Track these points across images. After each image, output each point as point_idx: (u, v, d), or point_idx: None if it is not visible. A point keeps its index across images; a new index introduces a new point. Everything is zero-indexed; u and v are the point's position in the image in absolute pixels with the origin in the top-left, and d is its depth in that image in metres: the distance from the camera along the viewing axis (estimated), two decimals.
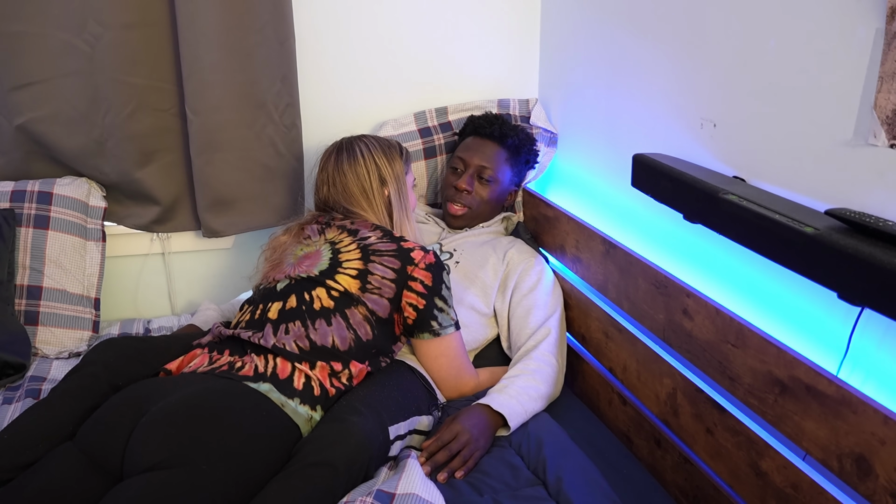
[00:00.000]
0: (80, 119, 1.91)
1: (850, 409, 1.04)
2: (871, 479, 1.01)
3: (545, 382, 1.64)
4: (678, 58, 1.54)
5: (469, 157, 1.97)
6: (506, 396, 1.54)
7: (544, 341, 1.72)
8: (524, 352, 1.71)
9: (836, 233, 1.01)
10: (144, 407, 1.28)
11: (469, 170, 1.96)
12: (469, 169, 1.96)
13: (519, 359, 1.70)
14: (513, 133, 2.00)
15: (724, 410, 1.32)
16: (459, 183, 1.95)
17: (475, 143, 2.00)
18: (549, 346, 1.72)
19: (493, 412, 1.51)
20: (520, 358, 1.70)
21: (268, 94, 1.96)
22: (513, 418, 1.51)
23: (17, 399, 1.60)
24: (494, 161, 1.97)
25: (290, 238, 1.68)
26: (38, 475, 1.22)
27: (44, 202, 1.89)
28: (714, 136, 1.45)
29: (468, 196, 1.96)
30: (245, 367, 1.40)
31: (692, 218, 1.32)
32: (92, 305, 1.93)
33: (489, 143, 1.99)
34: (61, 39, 1.84)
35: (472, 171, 1.96)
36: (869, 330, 1.12)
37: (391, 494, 1.20)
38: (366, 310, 1.51)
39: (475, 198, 1.96)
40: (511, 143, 1.99)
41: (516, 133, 2.01)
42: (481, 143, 1.99)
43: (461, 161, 1.99)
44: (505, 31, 2.22)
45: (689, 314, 1.40)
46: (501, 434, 1.52)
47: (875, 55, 1.06)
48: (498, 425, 1.52)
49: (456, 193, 1.97)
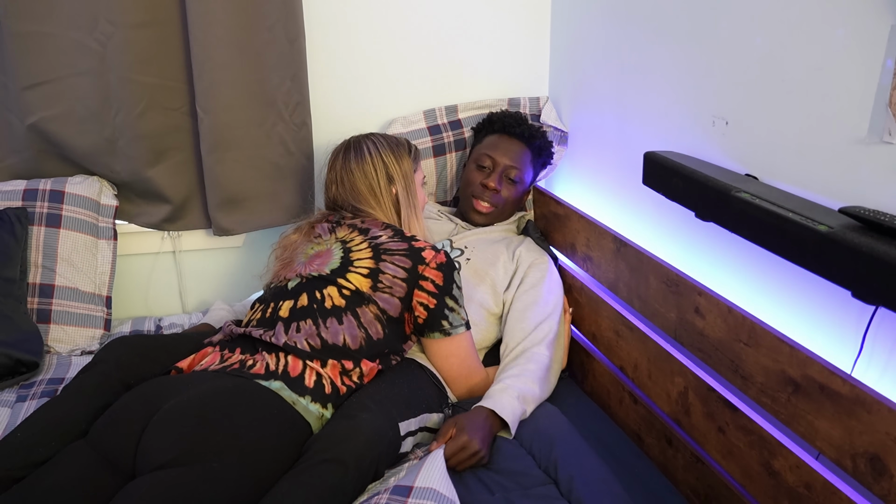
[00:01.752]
0: (92, 118, 1.91)
1: (865, 408, 1.04)
2: (886, 479, 1.01)
3: (542, 385, 1.63)
4: (689, 55, 1.54)
5: (499, 157, 1.96)
6: (508, 399, 1.53)
7: (544, 341, 1.71)
8: (521, 349, 1.69)
9: (850, 231, 1.00)
10: (156, 405, 1.28)
11: (498, 168, 1.95)
12: (498, 168, 1.95)
13: (517, 356, 1.68)
14: (539, 135, 2.01)
15: (736, 409, 1.31)
16: (489, 182, 1.93)
17: (503, 141, 1.98)
18: (547, 346, 1.71)
19: (495, 416, 1.50)
20: (518, 354, 1.68)
21: (278, 92, 1.97)
22: (514, 423, 1.51)
23: (31, 397, 1.61)
24: (521, 162, 1.96)
25: (300, 237, 1.68)
26: (50, 473, 1.22)
27: (56, 201, 1.90)
28: (726, 133, 1.44)
29: (496, 195, 1.95)
30: (256, 365, 1.40)
31: (704, 216, 1.32)
32: (104, 304, 1.94)
33: (517, 143, 1.98)
34: (73, 39, 1.85)
35: (500, 170, 1.95)
36: (883, 329, 1.11)
37: (409, 488, 1.21)
38: (377, 309, 1.51)
39: (501, 197, 1.96)
40: (537, 144, 2.00)
41: (542, 135, 2.02)
42: (510, 142, 1.98)
43: (490, 159, 1.96)
44: (515, 29, 2.21)
45: (700, 313, 1.40)
46: (503, 436, 1.51)
47: (890, 51, 1.06)
48: (498, 427, 1.51)
49: (484, 191, 1.95)
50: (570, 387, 1.80)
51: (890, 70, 1.06)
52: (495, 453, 1.45)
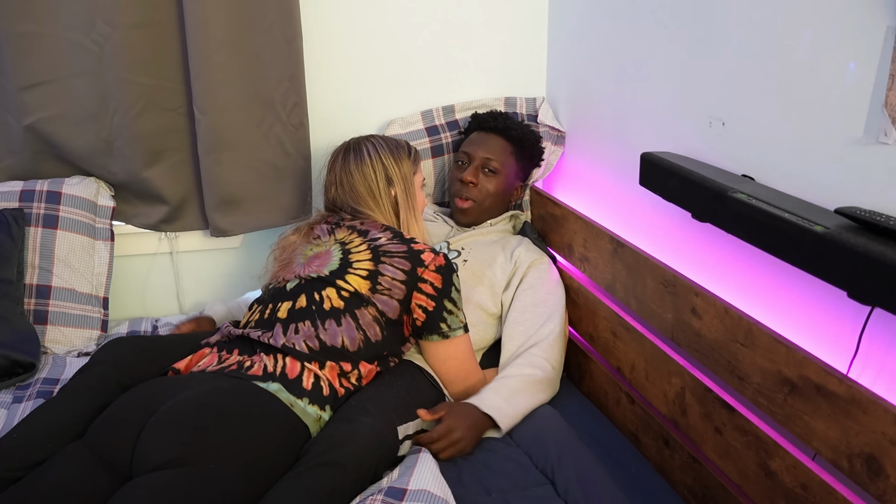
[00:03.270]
0: (89, 119, 1.91)
1: (861, 408, 1.04)
2: (882, 479, 1.01)
3: (540, 387, 1.63)
4: (687, 56, 1.54)
5: (473, 151, 1.97)
6: (499, 399, 1.53)
7: (543, 342, 1.71)
8: (520, 351, 1.69)
9: (846, 231, 1.00)
10: (153, 406, 1.28)
11: (474, 162, 1.96)
12: (474, 161, 1.97)
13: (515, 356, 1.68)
14: (516, 126, 2.01)
15: (732, 410, 1.32)
16: (465, 175, 1.95)
17: (479, 137, 2.01)
18: (546, 348, 1.70)
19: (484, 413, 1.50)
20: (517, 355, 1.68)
21: (275, 93, 1.97)
22: (504, 422, 1.51)
23: (27, 398, 1.61)
24: (499, 152, 1.97)
25: (299, 238, 1.68)
26: (47, 474, 1.22)
27: (53, 202, 1.89)
28: (723, 134, 1.44)
29: (474, 189, 1.96)
30: (254, 366, 1.40)
31: (701, 217, 1.32)
32: (101, 304, 1.94)
33: (493, 136, 1.99)
34: (70, 39, 1.85)
35: (476, 164, 1.96)
36: (879, 329, 1.12)
37: (403, 490, 1.21)
38: (375, 311, 1.51)
39: (481, 190, 1.96)
40: (515, 134, 2.00)
41: (520, 127, 2.02)
42: (485, 136, 2.00)
43: (465, 155, 1.99)
44: (512, 29, 2.21)
45: (697, 313, 1.40)
46: (491, 436, 1.52)
47: (886, 53, 1.06)
48: (488, 426, 1.52)
49: (462, 187, 1.96)
50: (567, 387, 1.80)
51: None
52: (492, 453, 1.45)
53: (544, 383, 1.65)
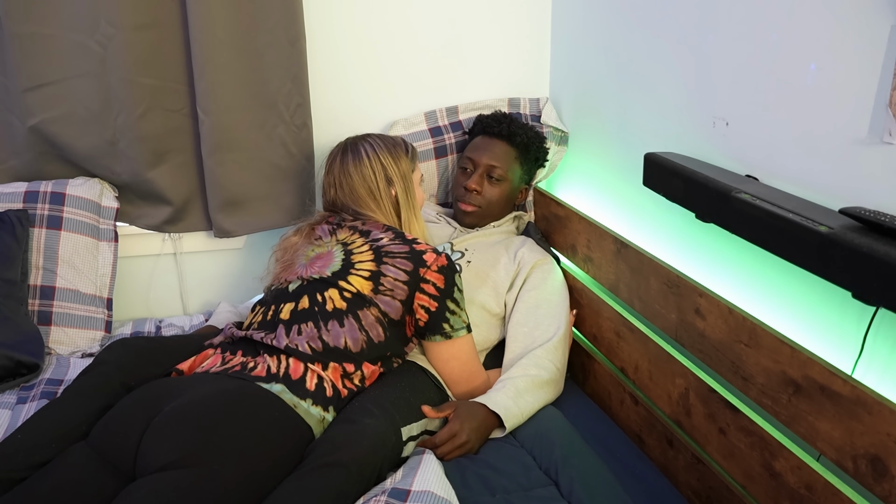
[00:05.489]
0: (93, 120, 1.91)
1: (865, 409, 1.04)
2: (887, 480, 1.01)
3: (545, 388, 1.63)
4: (690, 56, 1.54)
5: (478, 157, 1.97)
6: (506, 398, 1.53)
7: (547, 343, 1.71)
8: (525, 352, 1.69)
9: (850, 231, 1.00)
10: (157, 407, 1.28)
11: (478, 169, 1.96)
12: (478, 168, 1.96)
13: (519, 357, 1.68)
14: (521, 131, 2.00)
15: (737, 410, 1.31)
16: (469, 183, 1.95)
17: (484, 142, 2.00)
18: (550, 349, 1.70)
19: (491, 413, 1.51)
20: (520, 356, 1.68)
21: (278, 94, 1.97)
22: (510, 421, 1.51)
23: (31, 399, 1.61)
24: (503, 160, 1.96)
25: (301, 239, 1.68)
26: (50, 474, 1.22)
27: (56, 203, 1.90)
28: (726, 134, 1.44)
29: (477, 196, 1.96)
30: (257, 367, 1.40)
31: (704, 217, 1.32)
32: (104, 305, 1.94)
33: (498, 142, 1.98)
34: (74, 40, 1.85)
35: (481, 171, 1.96)
36: (884, 329, 1.11)
37: (406, 491, 1.20)
38: (378, 311, 1.51)
39: (484, 197, 1.96)
40: (520, 140, 1.99)
41: (525, 131, 2.01)
42: (490, 142, 1.99)
43: (470, 161, 1.98)
44: (516, 30, 2.21)
45: (701, 314, 1.39)
46: (496, 436, 1.52)
47: (890, 52, 1.06)
48: (494, 425, 1.52)
49: (466, 193, 1.97)
50: (570, 388, 1.80)
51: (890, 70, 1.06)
52: (496, 454, 1.45)
53: (549, 384, 1.65)
